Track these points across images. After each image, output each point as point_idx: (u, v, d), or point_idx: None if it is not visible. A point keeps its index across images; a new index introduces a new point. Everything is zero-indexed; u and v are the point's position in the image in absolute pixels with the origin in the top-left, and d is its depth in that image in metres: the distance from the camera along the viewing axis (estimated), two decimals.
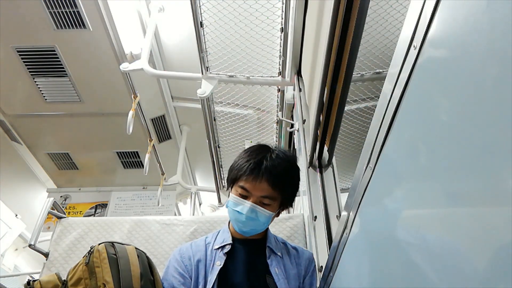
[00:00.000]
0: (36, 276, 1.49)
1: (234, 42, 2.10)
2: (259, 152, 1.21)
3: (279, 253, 1.24)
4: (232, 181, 1.22)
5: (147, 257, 1.19)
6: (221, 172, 3.37)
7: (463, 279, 0.43)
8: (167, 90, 3.50)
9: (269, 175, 1.16)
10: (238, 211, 1.17)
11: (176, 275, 1.18)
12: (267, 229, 1.31)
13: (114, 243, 1.14)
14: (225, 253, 1.20)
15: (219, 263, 1.17)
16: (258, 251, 1.24)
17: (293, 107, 2.20)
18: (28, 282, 1.06)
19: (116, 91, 3.12)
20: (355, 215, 0.80)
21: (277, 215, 1.26)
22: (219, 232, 1.30)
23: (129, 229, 1.61)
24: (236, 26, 2.03)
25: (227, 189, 1.27)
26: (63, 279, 1.10)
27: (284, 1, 1.85)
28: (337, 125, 1.37)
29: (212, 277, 1.14)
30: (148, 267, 1.14)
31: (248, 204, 1.16)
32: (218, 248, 1.22)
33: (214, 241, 1.26)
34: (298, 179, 1.28)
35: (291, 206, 1.30)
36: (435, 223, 0.50)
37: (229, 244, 1.23)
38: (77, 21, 2.58)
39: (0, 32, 2.62)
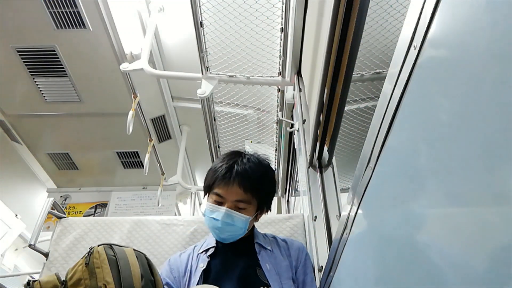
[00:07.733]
0: (36, 276, 1.49)
1: (234, 42, 2.10)
2: (231, 157, 1.24)
3: (269, 248, 1.24)
4: (207, 189, 1.24)
5: (147, 258, 1.18)
6: None
7: (464, 278, 0.43)
8: (167, 90, 3.49)
9: (241, 178, 1.17)
10: (214, 218, 1.18)
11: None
12: (253, 227, 1.31)
13: (112, 245, 1.14)
14: (208, 255, 1.22)
15: (202, 265, 1.19)
16: (247, 249, 1.24)
17: (293, 107, 2.20)
18: (28, 282, 1.06)
19: (116, 91, 3.12)
20: (355, 215, 0.80)
21: (255, 219, 1.27)
22: (207, 239, 1.32)
23: (129, 229, 1.61)
24: (236, 26, 2.02)
25: (204, 197, 1.28)
26: (62, 279, 1.10)
27: (284, 1, 1.84)
28: (337, 125, 1.37)
29: (195, 279, 1.16)
30: (148, 267, 1.14)
31: (223, 209, 1.17)
32: (202, 252, 1.25)
33: (201, 246, 1.29)
34: (273, 182, 1.30)
35: (269, 209, 1.31)
36: (436, 223, 0.50)
37: (212, 247, 1.24)
38: (77, 21, 2.57)
39: (0, 32, 2.62)
